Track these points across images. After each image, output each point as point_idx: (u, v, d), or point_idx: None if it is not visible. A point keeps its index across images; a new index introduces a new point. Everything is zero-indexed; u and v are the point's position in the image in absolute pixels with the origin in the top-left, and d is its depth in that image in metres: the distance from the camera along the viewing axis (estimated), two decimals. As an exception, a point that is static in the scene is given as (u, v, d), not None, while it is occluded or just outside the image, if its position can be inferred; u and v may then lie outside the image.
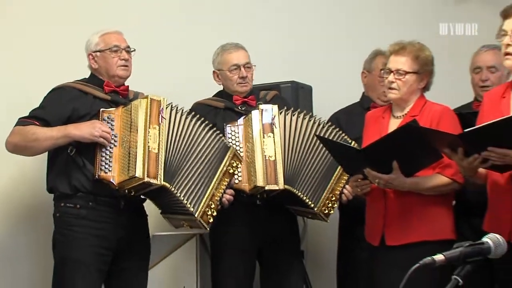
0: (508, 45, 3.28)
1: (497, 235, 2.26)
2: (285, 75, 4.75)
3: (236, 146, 4.07)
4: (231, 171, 3.94)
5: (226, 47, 4.20)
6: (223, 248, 4.18)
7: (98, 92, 3.77)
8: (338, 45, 5.35)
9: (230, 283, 4.15)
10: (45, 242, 3.92)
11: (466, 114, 3.84)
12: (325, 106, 4.79)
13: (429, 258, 2.14)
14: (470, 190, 3.78)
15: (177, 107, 3.92)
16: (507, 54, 3.30)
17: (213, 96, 4.30)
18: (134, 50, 3.89)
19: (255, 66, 4.25)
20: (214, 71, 4.23)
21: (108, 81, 3.80)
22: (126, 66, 3.84)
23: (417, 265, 2.12)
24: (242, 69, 4.13)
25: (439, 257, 2.15)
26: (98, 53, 3.79)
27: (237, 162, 3.98)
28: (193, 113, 3.95)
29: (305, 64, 5.13)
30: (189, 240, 4.55)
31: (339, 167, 4.03)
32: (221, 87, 4.32)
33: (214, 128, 4.03)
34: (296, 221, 4.42)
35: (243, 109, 4.14)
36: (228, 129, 4.06)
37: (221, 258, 4.21)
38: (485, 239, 2.22)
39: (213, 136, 3.96)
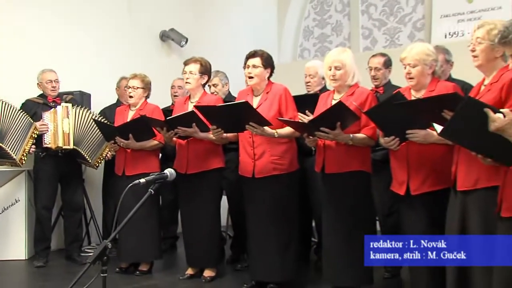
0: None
1: (171, 169, 2.73)
2: (76, 86, 5.43)
3: (49, 124, 4.73)
4: (33, 135, 4.61)
5: (44, 70, 4.87)
6: (41, 177, 4.91)
7: None
8: (109, 69, 5.88)
9: (44, 195, 4.91)
10: None
11: (165, 111, 4.60)
12: (98, 105, 5.54)
13: (137, 181, 2.52)
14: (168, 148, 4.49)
15: (6, 102, 4.49)
16: (186, 82, 4.20)
17: (37, 96, 4.93)
18: None
19: (61, 81, 4.92)
20: (38, 83, 4.90)
21: None
22: None
23: (129, 185, 2.51)
24: (53, 82, 4.85)
25: (142, 180, 2.57)
26: None
27: (36, 131, 4.58)
28: (15, 105, 4.50)
29: (89, 80, 5.71)
30: (21, 173, 5.14)
31: (107, 142, 4.60)
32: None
33: (25, 113, 4.59)
34: (81, 166, 5.14)
35: (53, 105, 4.85)
36: (44, 115, 4.74)
37: (39, 183, 4.92)
38: (165, 171, 2.71)
39: (25, 118, 4.60)
